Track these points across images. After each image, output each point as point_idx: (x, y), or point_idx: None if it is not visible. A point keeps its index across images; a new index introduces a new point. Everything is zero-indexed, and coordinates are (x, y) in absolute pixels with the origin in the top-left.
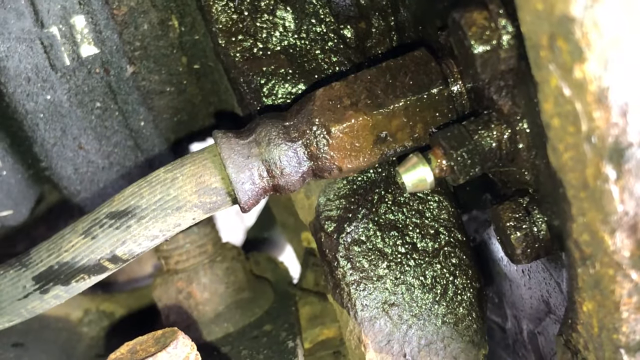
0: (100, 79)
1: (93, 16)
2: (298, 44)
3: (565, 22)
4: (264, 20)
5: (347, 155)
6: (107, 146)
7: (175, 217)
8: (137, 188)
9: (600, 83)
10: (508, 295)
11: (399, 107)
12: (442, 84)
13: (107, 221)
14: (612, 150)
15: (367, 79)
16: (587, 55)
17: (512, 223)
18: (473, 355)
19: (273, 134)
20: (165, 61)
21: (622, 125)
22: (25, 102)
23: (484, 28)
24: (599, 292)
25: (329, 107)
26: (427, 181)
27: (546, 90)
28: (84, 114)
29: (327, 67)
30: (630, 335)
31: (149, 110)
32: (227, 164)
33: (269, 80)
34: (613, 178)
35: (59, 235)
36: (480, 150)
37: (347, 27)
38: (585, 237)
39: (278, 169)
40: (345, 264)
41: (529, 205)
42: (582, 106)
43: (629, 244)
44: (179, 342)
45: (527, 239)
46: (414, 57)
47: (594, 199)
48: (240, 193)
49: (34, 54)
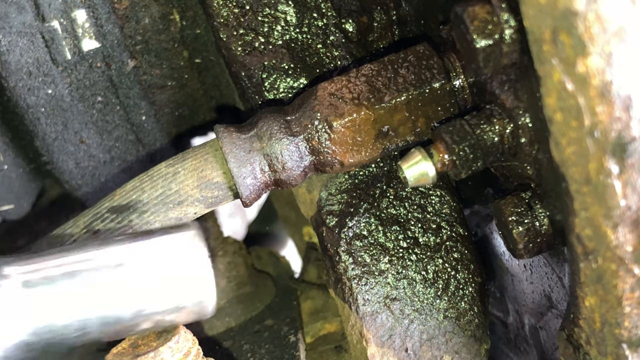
0: (101, 73)
1: (94, 10)
2: (300, 38)
3: (568, 16)
4: (266, 14)
5: (349, 150)
6: (109, 140)
7: (177, 211)
8: (139, 182)
9: (603, 77)
10: (510, 289)
11: (401, 101)
12: (444, 79)
13: (109, 215)
14: (615, 145)
15: (369, 73)
16: (590, 49)
17: (514, 217)
18: (475, 350)
19: (275, 129)
20: (166, 55)
21: (625, 120)
22: (26, 97)
23: (487, 22)
24: (602, 286)
25: (330, 101)
26: (429, 176)
27: (549, 85)
28: (85, 108)
29: (329, 61)
30: (633, 330)
31: (151, 105)
32: (229, 158)
33: (270, 74)
34: (616, 172)
35: (61, 230)
36: (483, 145)
37: (348, 22)
38: (588, 232)
39: (280, 164)
40: (347, 259)
41: (531, 199)
42: (585, 100)
43: (631, 239)
44: (180, 337)
45: (529, 233)
46: (416, 52)
47: (596, 193)
48: (242, 187)
49: (35, 48)
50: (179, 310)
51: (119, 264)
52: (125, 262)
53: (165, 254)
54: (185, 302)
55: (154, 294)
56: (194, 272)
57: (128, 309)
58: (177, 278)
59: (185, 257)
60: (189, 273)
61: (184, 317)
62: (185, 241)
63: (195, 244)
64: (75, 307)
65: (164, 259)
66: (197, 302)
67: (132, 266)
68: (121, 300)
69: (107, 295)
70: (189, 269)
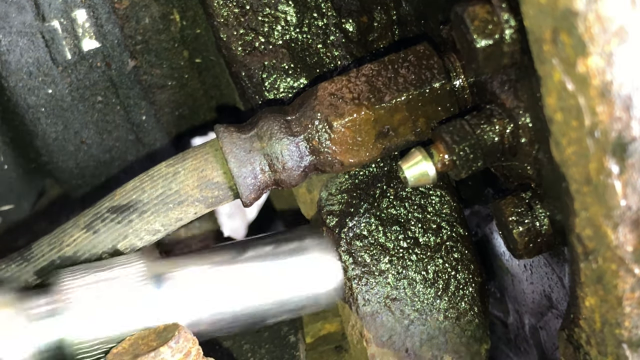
0: (101, 73)
1: (94, 10)
2: (300, 38)
3: (568, 16)
4: (266, 14)
5: (349, 150)
6: (109, 140)
7: (177, 211)
8: (139, 182)
9: (603, 77)
10: (510, 290)
11: (401, 101)
12: (445, 78)
13: (109, 215)
14: (615, 145)
15: (369, 73)
16: (590, 49)
17: (514, 218)
18: (475, 350)
19: (275, 128)
20: (166, 55)
21: (626, 120)
22: (26, 96)
23: (487, 22)
24: (602, 287)
25: (330, 101)
26: (429, 175)
27: (549, 85)
28: (86, 108)
29: (329, 61)
30: (633, 330)
31: (151, 105)
32: (229, 158)
33: (270, 74)
34: (616, 172)
35: (61, 230)
36: (483, 145)
37: (349, 21)
38: (588, 232)
39: (280, 164)
40: (347, 259)
41: (531, 199)
42: (586, 100)
43: (631, 239)
44: (180, 337)
45: (529, 233)
46: (416, 51)
47: (597, 193)
48: (242, 187)
49: (35, 48)
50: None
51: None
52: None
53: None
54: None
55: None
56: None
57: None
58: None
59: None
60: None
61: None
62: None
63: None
64: (226, 302)
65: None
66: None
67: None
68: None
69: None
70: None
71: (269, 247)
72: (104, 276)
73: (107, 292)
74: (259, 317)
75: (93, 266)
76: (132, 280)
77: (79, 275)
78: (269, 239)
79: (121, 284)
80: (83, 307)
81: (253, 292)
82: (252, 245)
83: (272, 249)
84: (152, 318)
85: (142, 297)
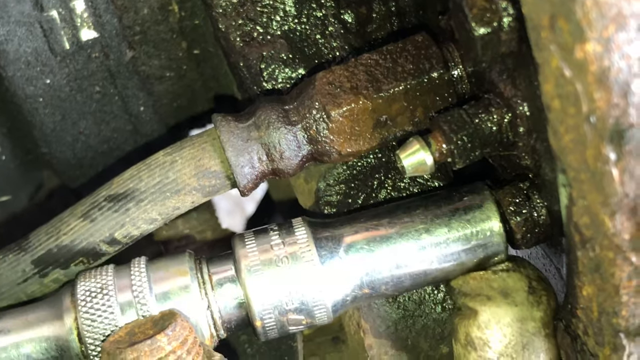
0: (99, 64)
1: (93, 0)
2: (298, 28)
3: (566, 2)
4: (265, 4)
5: (347, 139)
6: (107, 131)
7: (174, 200)
8: (136, 171)
9: (601, 63)
10: None
11: (399, 91)
12: (443, 68)
13: (106, 204)
14: (612, 132)
15: (368, 62)
16: (588, 35)
17: (512, 208)
18: None
19: (273, 118)
20: (165, 46)
21: (623, 106)
22: (24, 86)
23: (485, 10)
24: (599, 275)
25: (328, 90)
26: (427, 165)
27: (547, 72)
28: (84, 98)
29: (328, 51)
30: (630, 319)
31: (149, 95)
32: (227, 147)
33: (269, 64)
34: (613, 159)
35: (58, 219)
36: (481, 134)
37: (347, 12)
38: (585, 220)
39: (277, 153)
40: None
41: (529, 190)
42: (583, 87)
43: (629, 227)
44: (177, 325)
45: (527, 223)
46: (415, 41)
47: (594, 181)
48: (240, 176)
49: (33, 37)
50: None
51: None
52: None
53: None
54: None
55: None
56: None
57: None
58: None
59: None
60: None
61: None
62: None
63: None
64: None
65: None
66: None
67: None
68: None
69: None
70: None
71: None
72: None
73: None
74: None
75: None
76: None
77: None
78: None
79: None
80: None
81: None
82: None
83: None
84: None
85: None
